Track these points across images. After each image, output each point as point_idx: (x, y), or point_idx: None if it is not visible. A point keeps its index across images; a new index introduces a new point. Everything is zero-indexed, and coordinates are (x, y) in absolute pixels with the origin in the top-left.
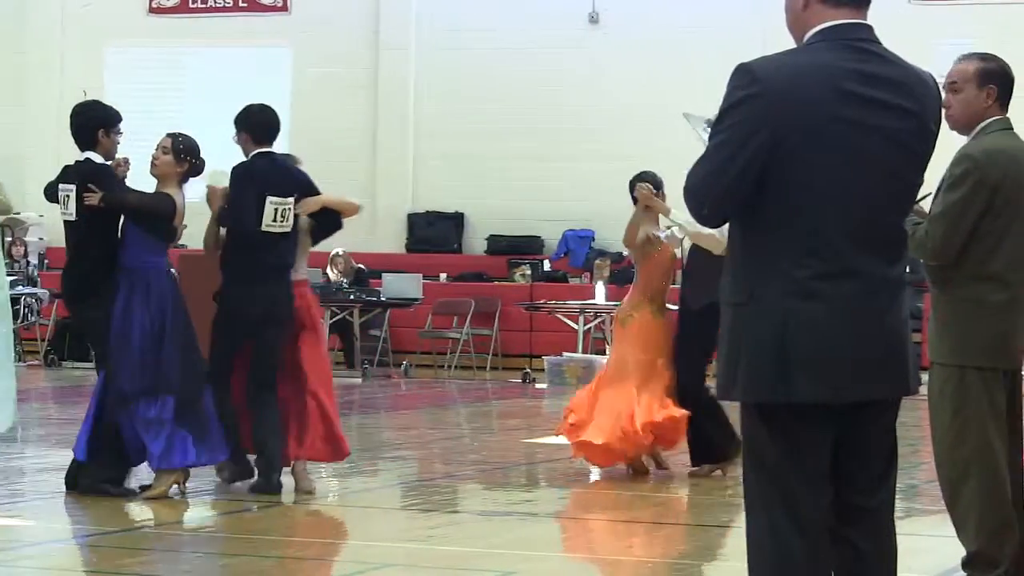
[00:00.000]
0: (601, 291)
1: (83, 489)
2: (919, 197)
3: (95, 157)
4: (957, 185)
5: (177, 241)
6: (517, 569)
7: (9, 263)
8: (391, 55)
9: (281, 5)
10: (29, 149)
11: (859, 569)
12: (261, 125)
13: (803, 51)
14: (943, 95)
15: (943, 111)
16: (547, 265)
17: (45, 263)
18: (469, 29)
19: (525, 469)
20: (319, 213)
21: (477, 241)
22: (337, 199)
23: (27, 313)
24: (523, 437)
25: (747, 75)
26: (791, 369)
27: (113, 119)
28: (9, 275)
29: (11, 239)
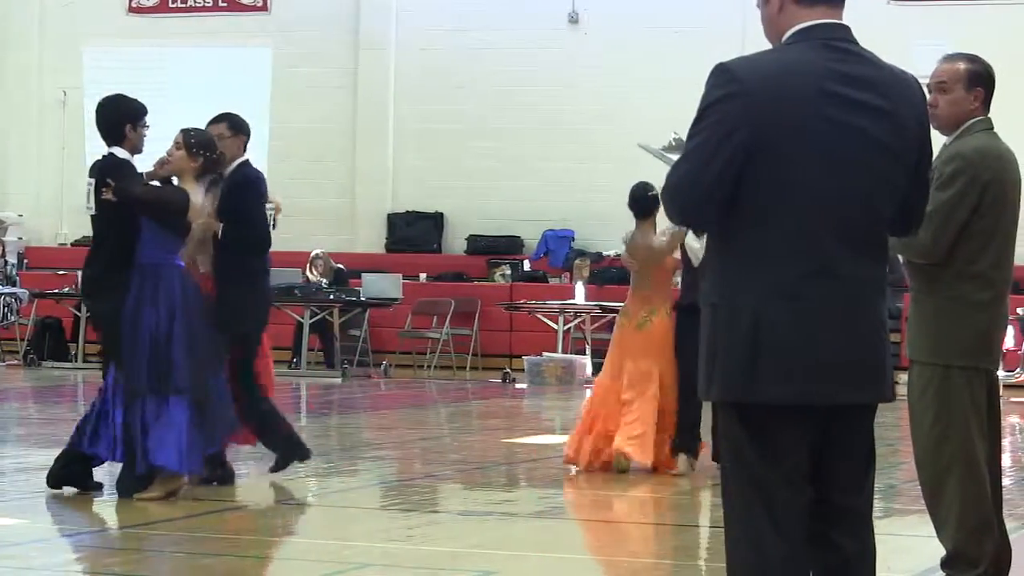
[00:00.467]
0: (581, 291)
1: (125, 492)
2: None
3: (119, 152)
4: (948, 183)
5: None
6: (497, 569)
7: None
8: (371, 55)
9: (261, 5)
10: (9, 149)
11: (839, 569)
12: (249, 133)
13: (782, 51)
14: (929, 95)
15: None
16: (527, 265)
17: (24, 263)
18: (449, 29)
19: (505, 469)
20: None
21: (457, 241)
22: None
23: (7, 313)
24: (503, 437)
25: (725, 74)
26: (763, 369)
27: (139, 113)
28: None
29: None
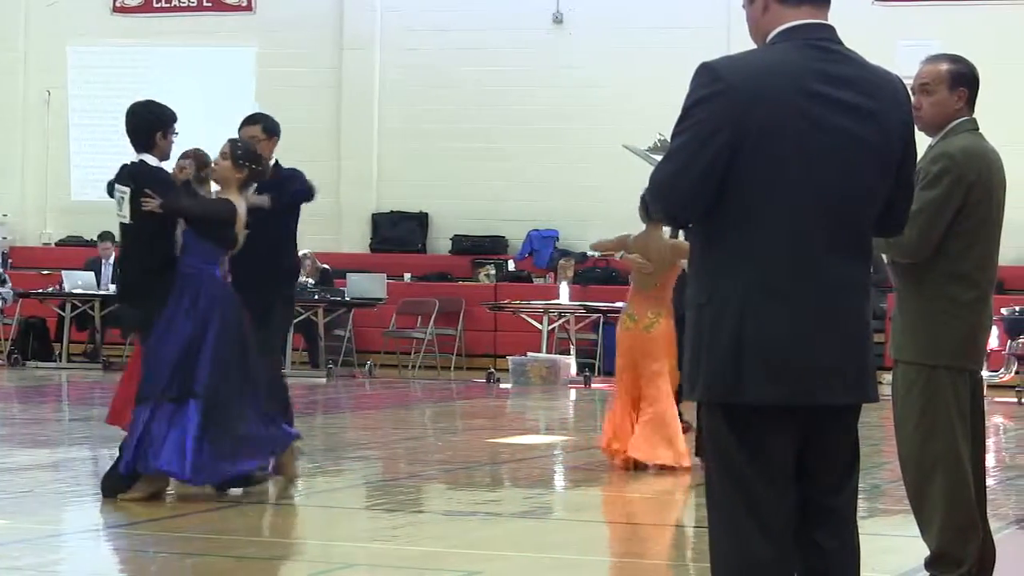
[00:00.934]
0: (565, 291)
1: (109, 492)
2: None
3: (150, 159)
4: (934, 183)
5: (237, 248)
6: (481, 569)
7: None
8: (355, 55)
9: (245, 5)
10: None
11: (823, 568)
12: (280, 135)
13: (766, 50)
14: (913, 96)
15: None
16: (511, 265)
17: (9, 262)
18: (433, 29)
19: (489, 469)
20: None
21: (441, 241)
22: None
23: None
24: (487, 437)
25: (710, 74)
26: (747, 370)
27: (170, 120)
28: None
29: None
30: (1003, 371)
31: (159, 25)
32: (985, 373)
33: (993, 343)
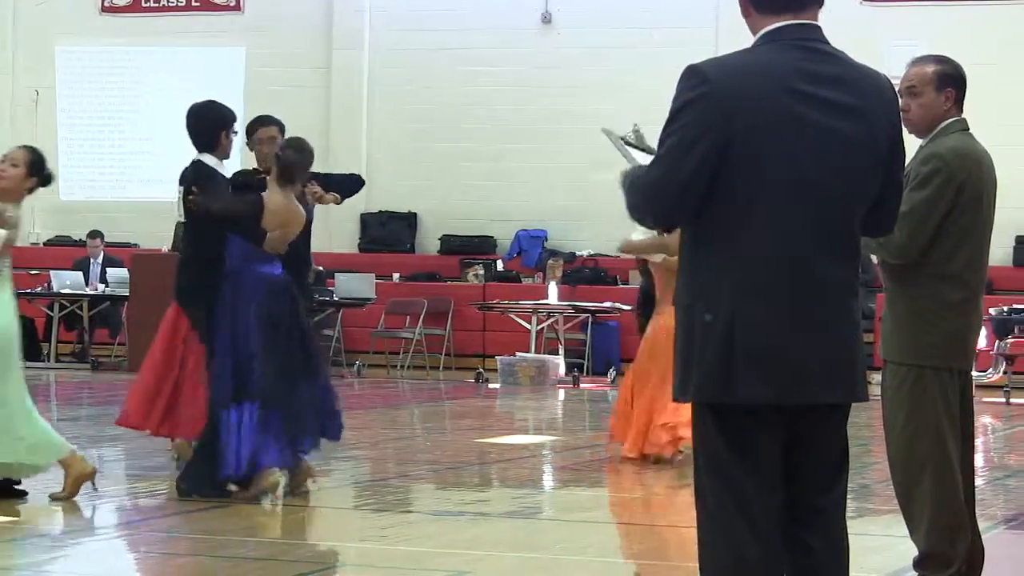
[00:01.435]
0: (554, 291)
1: (183, 492)
2: None
3: (208, 159)
4: (925, 183)
5: (271, 245)
6: (470, 568)
7: None
8: (344, 55)
9: (234, 5)
10: None
11: (812, 568)
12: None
13: (753, 51)
14: (900, 99)
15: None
16: (500, 265)
17: None
18: (422, 29)
19: (478, 469)
20: None
21: (430, 241)
22: None
23: None
24: (476, 437)
25: (697, 76)
26: (738, 370)
27: (231, 120)
28: None
29: None
30: (991, 371)
31: (148, 25)
32: (973, 373)
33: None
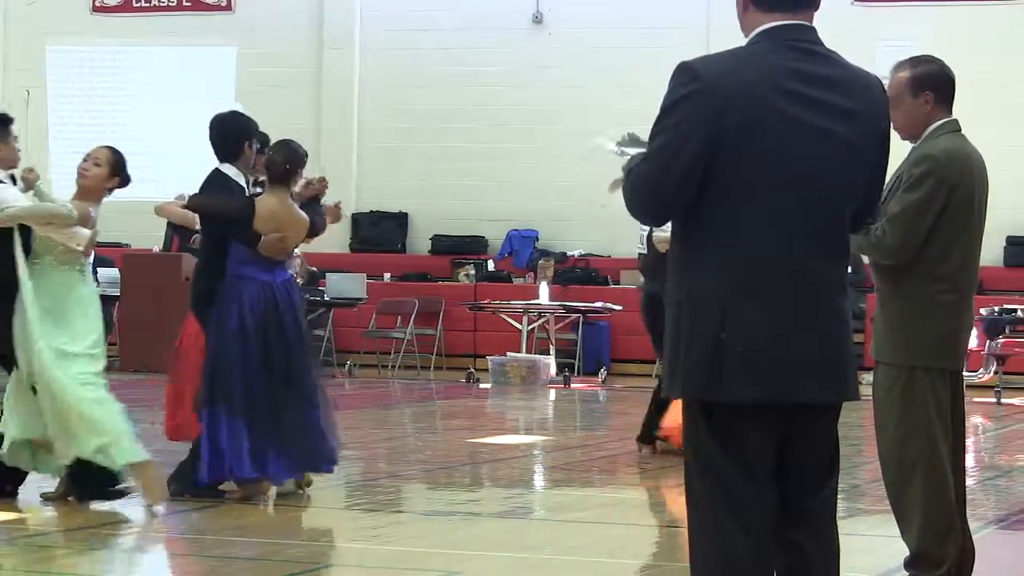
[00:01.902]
0: (545, 291)
1: (173, 492)
2: None
3: (228, 169)
4: (917, 185)
5: (261, 247)
6: (461, 568)
7: None
8: (335, 55)
9: (225, 5)
10: None
11: (802, 568)
12: None
13: (745, 50)
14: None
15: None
16: (491, 265)
17: None
18: (413, 29)
19: (469, 469)
20: None
21: (421, 241)
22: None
23: None
24: (467, 437)
25: (688, 73)
26: (727, 368)
27: (254, 130)
28: None
29: None
30: (982, 371)
31: (139, 25)
32: (964, 373)
33: (972, 343)
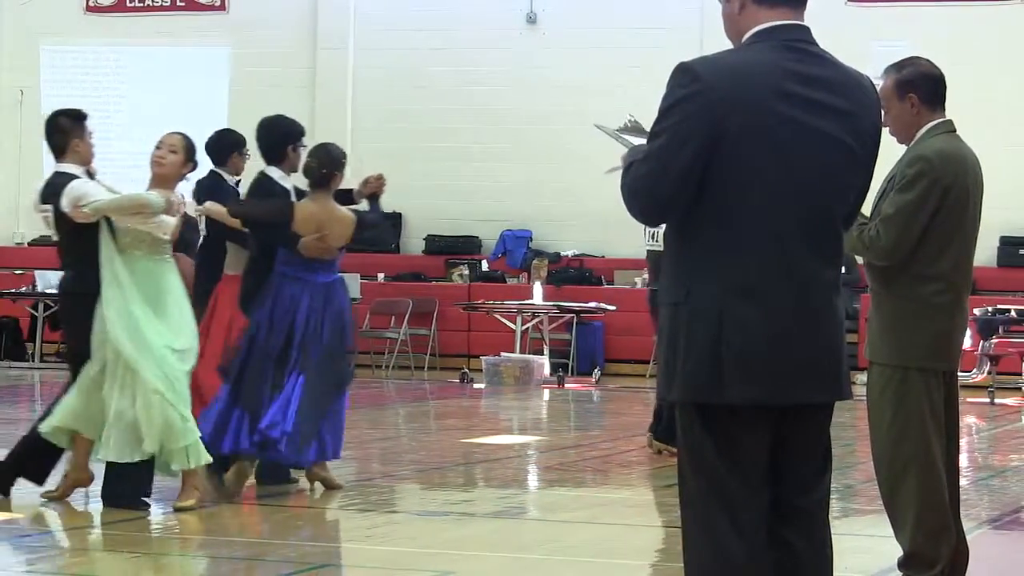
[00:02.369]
0: (539, 291)
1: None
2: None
3: (274, 172)
4: (911, 186)
5: (317, 252)
6: (455, 569)
7: None
8: (329, 55)
9: (219, 4)
10: None
11: (796, 568)
12: None
13: (743, 51)
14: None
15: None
16: (485, 265)
17: None
18: (407, 29)
19: (463, 469)
20: None
21: (415, 241)
22: None
23: None
24: (461, 437)
25: (687, 74)
26: (726, 370)
27: (299, 133)
28: None
29: None
30: (976, 371)
31: (132, 25)
32: (958, 373)
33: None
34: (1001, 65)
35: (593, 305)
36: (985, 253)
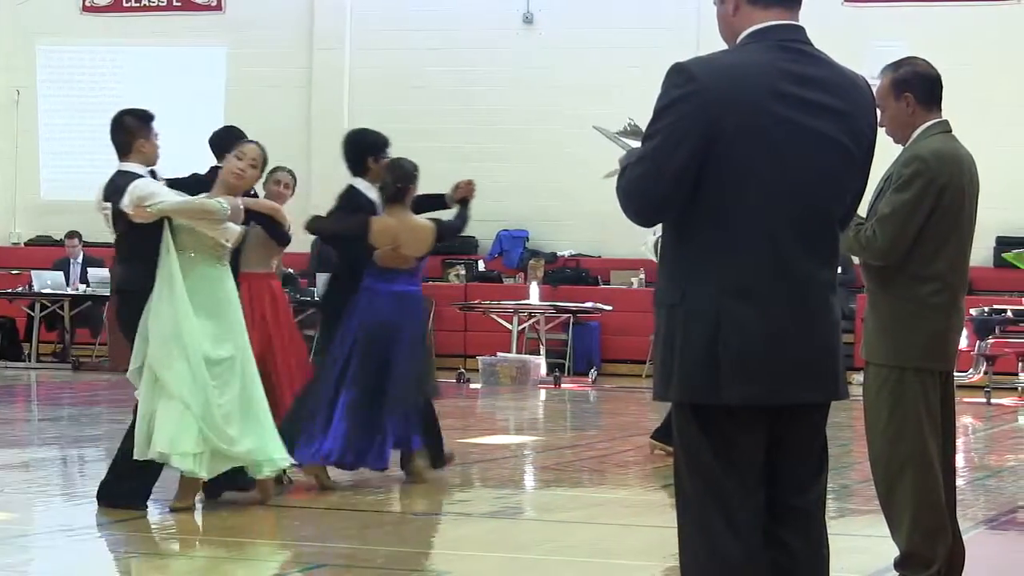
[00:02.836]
0: (535, 291)
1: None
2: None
3: (359, 183)
4: (907, 186)
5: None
6: (452, 569)
7: None
8: (325, 55)
9: (215, 4)
10: None
11: (792, 568)
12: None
13: (738, 51)
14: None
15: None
16: (481, 265)
17: None
18: (403, 29)
19: (460, 469)
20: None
21: None
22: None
23: None
24: (458, 437)
25: (682, 74)
26: (723, 370)
27: (381, 145)
28: None
29: None
30: (972, 371)
31: (129, 25)
32: (955, 373)
33: (962, 344)
34: (998, 65)
35: (589, 305)
36: (981, 253)
